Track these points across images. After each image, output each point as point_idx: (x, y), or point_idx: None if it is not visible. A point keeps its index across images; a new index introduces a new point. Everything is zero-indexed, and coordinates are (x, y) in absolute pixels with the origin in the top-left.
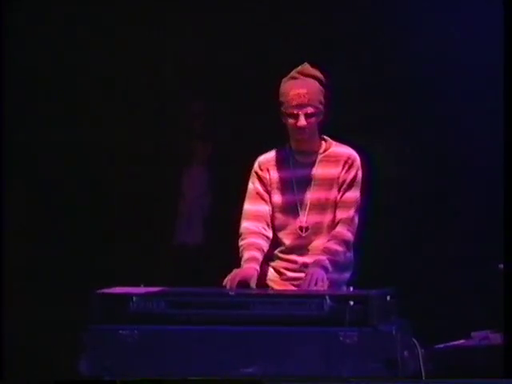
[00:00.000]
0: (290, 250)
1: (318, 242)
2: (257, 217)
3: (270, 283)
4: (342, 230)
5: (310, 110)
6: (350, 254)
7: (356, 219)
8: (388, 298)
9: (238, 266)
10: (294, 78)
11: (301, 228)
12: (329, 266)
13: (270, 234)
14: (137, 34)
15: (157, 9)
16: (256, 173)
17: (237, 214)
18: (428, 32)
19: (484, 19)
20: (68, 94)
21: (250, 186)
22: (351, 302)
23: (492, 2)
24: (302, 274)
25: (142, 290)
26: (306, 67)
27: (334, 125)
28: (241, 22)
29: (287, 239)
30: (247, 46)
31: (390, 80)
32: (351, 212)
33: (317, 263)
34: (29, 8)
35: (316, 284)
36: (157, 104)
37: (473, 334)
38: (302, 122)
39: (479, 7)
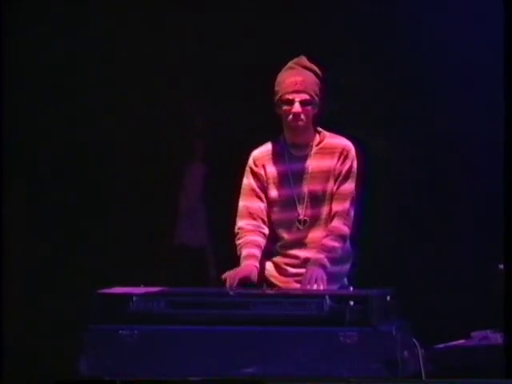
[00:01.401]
0: (290, 245)
1: (317, 235)
2: (252, 215)
3: (272, 279)
4: (338, 225)
5: (305, 96)
6: (347, 246)
7: (352, 211)
8: (388, 298)
9: (238, 265)
10: (290, 68)
11: (299, 221)
12: (327, 263)
13: (267, 231)
14: (137, 33)
15: (157, 9)
16: (251, 169)
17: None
18: (428, 31)
19: (484, 19)
20: (68, 94)
21: (245, 181)
22: (351, 302)
23: (492, 2)
24: (303, 270)
25: (141, 290)
26: (303, 59)
27: (329, 116)
28: (240, 21)
29: (286, 233)
30: (247, 45)
31: (389, 77)
32: (346, 204)
33: (315, 262)
34: (29, 8)
35: (316, 282)
36: (156, 103)
37: (473, 333)
38: (298, 108)
39: (479, 7)
